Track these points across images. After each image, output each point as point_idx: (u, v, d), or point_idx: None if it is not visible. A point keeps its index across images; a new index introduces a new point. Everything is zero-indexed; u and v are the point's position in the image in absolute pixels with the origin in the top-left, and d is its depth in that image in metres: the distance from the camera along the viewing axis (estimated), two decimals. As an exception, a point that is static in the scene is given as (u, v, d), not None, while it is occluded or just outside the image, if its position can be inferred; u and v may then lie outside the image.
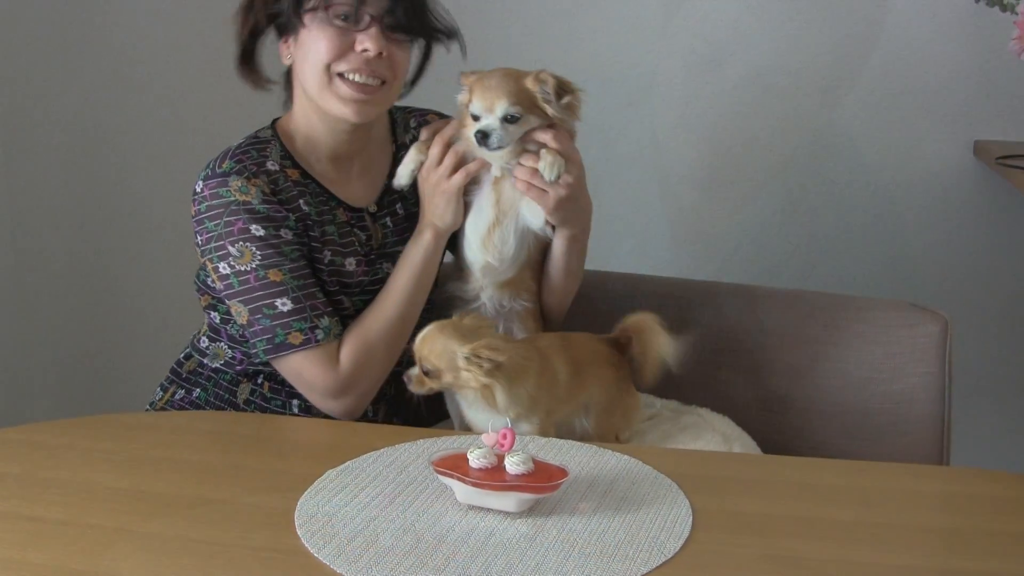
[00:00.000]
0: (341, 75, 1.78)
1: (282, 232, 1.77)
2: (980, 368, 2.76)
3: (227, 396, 1.89)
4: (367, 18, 1.76)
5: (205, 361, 1.91)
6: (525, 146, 1.77)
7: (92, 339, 3.16)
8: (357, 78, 1.77)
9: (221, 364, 1.89)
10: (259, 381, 1.89)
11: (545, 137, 1.76)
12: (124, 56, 2.95)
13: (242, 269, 1.75)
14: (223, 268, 1.77)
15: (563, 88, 1.77)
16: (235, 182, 1.76)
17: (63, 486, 1.49)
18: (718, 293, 2.14)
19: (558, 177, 1.75)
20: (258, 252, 1.75)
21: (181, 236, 2.98)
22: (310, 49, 1.78)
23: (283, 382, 1.87)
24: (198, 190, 1.79)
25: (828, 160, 2.73)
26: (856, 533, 1.40)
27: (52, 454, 1.59)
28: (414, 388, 1.69)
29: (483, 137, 1.74)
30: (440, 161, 1.81)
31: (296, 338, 1.76)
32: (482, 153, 1.78)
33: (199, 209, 1.78)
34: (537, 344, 1.77)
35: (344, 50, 1.77)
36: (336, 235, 1.84)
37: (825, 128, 2.72)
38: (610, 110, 2.79)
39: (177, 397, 1.91)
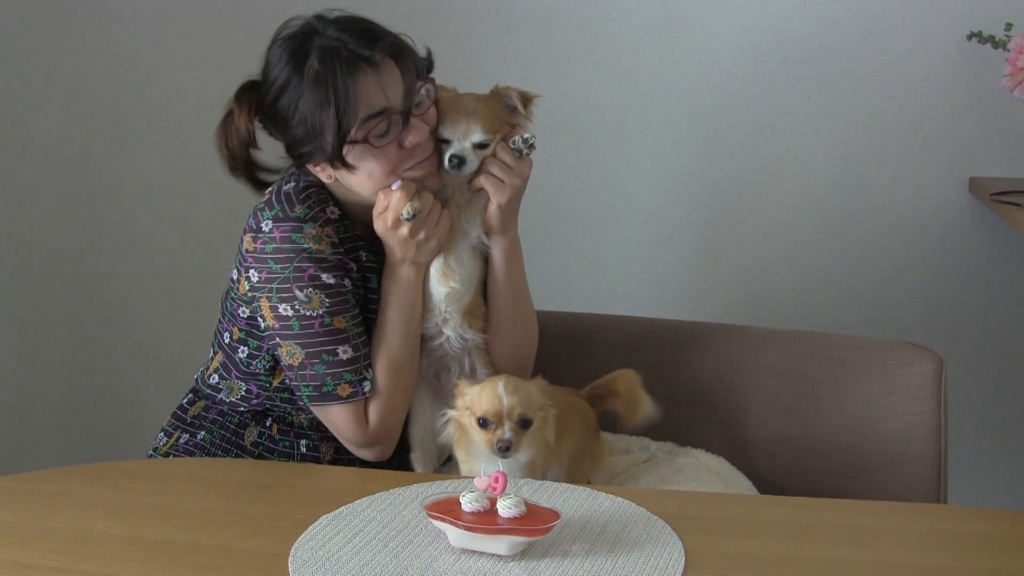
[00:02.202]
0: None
1: (346, 281, 1.79)
2: (976, 406, 2.75)
3: (233, 439, 1.89)
4: (398, 119, 1.74)
5: (220, 396, 1.91)
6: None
7: (92, 385, 3.17)
8: (419, 167, 1.77)
9: (237, 398, 1.89)
10: (267, 424, 1.90)
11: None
12: (127, 95, 2.97)
13: (307, 314, 1.76)
14: (284, 310, 1.77)
15: (526, 98, 1.80)
16: (310, 229, 1.76)
17: (59, 534, 1.50)
18: (713, 334, 2.14)
19: (532, 147, 1.76)
20: (327, 299, 1.76)
21: (184, 278, 3.01)
22: (365, 171, 1.75)
23: (292, 424, 1.89)
24: (265, 229, 1.77)
25: (824, 200, 2.74)
26: (852, 573, 1.40)
27: (48, 502, 1.60)
28: (513, 451, 1.62)
29: (458, 163, 1.75)
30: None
31: (344, 390, 1.77)
32: (448, 175, 1.78)
33: (262, 248, 1.77)
34: None
35: (400, 157, 1.75)
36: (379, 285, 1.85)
37: (820, 168, 2.74)
38: (605, 152, 2.81)
39: (182, 441, 1.91)
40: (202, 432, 1.90)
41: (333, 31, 1.74)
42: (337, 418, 1.80)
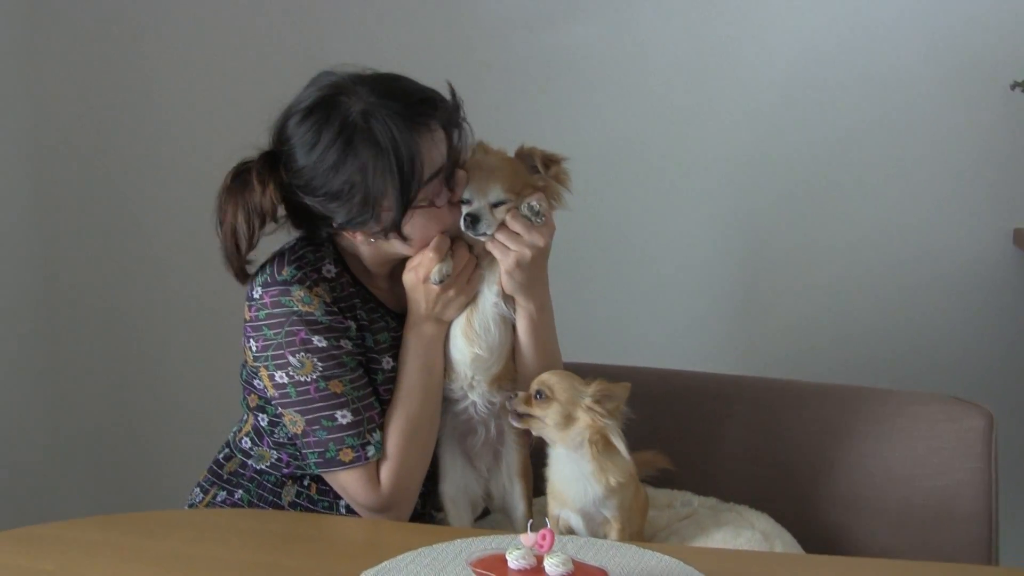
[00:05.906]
0: None
1: (343, 343, 1.76)
2: (1025, 463, 2.71)
3: (271, 498, 1.87)
4: (450, 172, 1.73)
5: (249, 462, 1.89)
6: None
7: (128, 437, 3.16)
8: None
9: (267, 466, 1.87)
10: (305, 483, 1.87)
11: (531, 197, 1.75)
12: (164, 142, 2.99)
13: (302, 380, 1.74)
14: (280, 377, 1.75)
15: (548, 160, 1.76)
16: (298, 292, 1.73)
17: (97, 584, 1.49)
18: (757, 387, 2.12)
19: (539, 214, 1.71)
20: (320, 363, 1.73)
21: (218, 326, 2.99)
22: (419, 234, 1.73)
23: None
24: (256, 296, 1.76)
25: (866, 251, 2.72)
26: (903, 637, 1.38)
27: (87, 551, 1.59)
28: (516, 409, 1.68)
29: (472, 222, 1.72)
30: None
31: (347, 455, 1.75)
32: (465, 235, 1.76)
33: (256, 316, 1.76)
34: None
35: (450, 213, 1.74)
36: (390, 341, 1.83)
37: (861, 219, 2.71)
38: (642, 199, 2.80)
39: (219, 499, 1.89)
40: (239, 491, 1.88)
41: (370, 94, 1.68)
42: (346, 483, 1.78)
